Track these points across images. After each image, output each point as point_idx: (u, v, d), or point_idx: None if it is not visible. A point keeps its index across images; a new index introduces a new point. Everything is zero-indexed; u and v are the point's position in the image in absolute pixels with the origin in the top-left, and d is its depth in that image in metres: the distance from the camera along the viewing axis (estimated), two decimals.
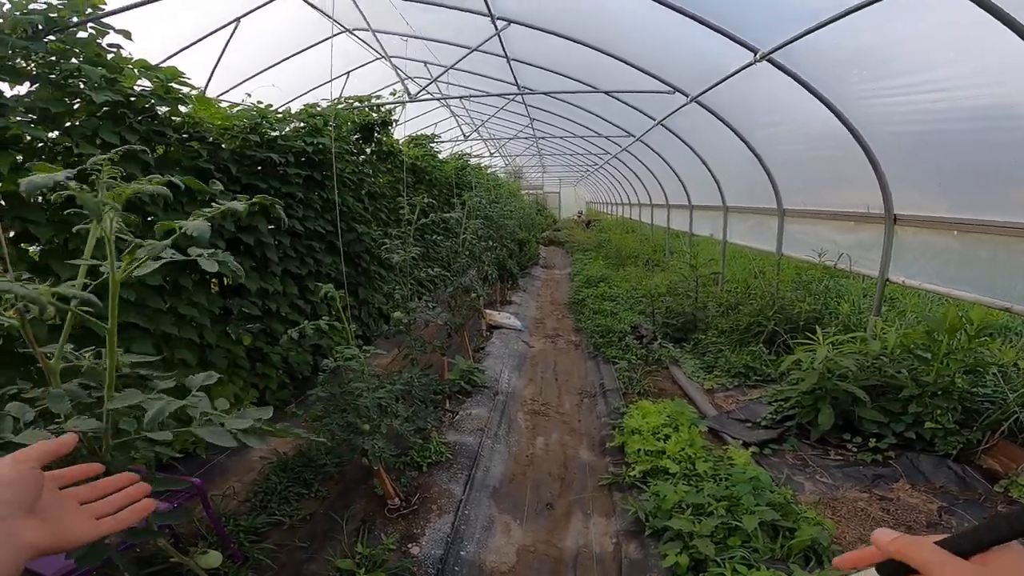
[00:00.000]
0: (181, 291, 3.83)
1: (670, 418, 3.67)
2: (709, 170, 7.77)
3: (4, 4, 2.75)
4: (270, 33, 6.28)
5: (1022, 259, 3.20)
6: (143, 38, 4.97)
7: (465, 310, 5.34)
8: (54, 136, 3.00)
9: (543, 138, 12.70)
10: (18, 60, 2.78)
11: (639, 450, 3.46)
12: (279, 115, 4.85)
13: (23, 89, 2.84)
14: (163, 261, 1.37)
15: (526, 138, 13.13)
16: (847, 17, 3.33)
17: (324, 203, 5.45)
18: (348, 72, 8.04)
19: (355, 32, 6.81)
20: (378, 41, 6.72)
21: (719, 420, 4.24)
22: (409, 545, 2.87)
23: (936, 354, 3.86)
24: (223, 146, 4.10)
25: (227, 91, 6.63)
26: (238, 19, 5.27)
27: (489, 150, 14.92)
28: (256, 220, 4.43)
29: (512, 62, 6.77)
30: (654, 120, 7.52)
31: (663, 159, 9.54)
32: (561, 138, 11.96)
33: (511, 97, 8.63)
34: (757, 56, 4.23)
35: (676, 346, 6.07)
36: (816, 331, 4.33)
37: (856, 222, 4.90)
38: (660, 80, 5.84)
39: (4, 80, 2.72)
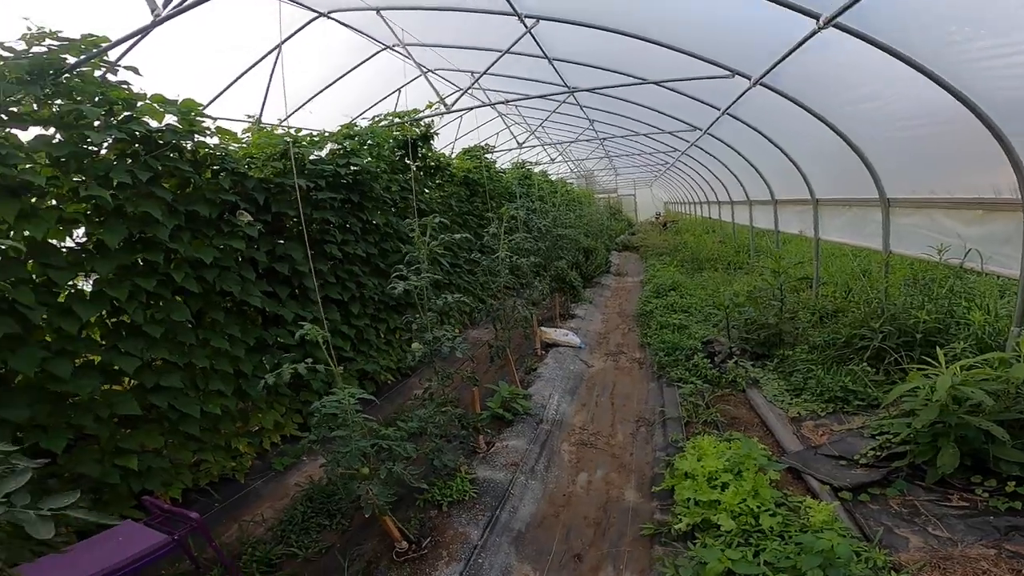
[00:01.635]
0: (215, 324, 3.87)
1: (731, 461, 3.07)
2: (790, 159, 6.88)
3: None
4: (319, 57, 6.42)
5: None
6: (190, 77, 5.21)
7: (510, 332, 5.00)
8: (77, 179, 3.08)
9: (607, 139, 12.14)
10: (21, 104, 2.87)
11: (689, 499, 2.93)
12: (313, 138, 4.83)
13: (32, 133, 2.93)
14: None
15: (589, 140, 12.65)
16: None
17: (364, 225, 5.39)
18: (399, 89, 8.10)
19: (395, 48, 6.80)
20: (411, 56, 6.66)
21: (803, 457, 3.53)
22: None
23: None
24: (250, 175, 4.11)
25: (285, 118, 6.86)
26: (279, 46, 5.37)
27: (551, 156, 14.57)
28: (291, 248, 4.42)
29: (555, 62, 6.45)
30: (718, 109, 6.79)
31: (736, 151, 8.66)
32: (625, 137, 11.36)
33: (562, 99, 8.25)
34: (820, 21, 3.52)
35: (756, 365, 5.30)
36: (937, 349, 3.48)
37: (985, 210, 3.98)
38: (715, 64, 5.19)
39: (15, 126, 2.80)
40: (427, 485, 3.33)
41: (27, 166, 2.79)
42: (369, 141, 5.55)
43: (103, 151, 3.26)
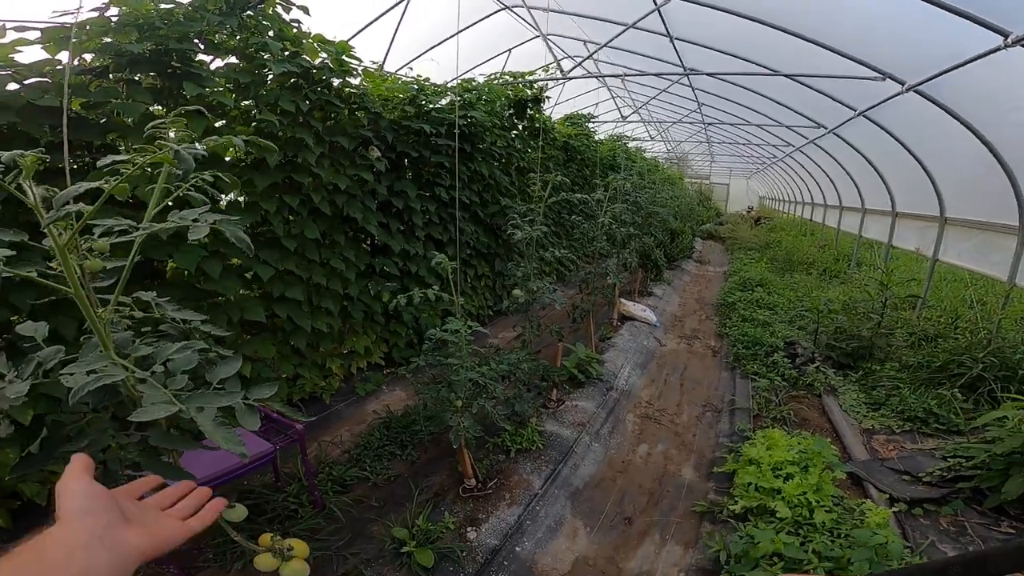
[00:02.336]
0: (335, 245, 4.24)
1: (801, 455, 3.12)
2: (927, 172, 6.39)
3: None
4: (439, 11, 6.62)
5: None
6: (327, 19, 5.57)
7: (595, 296, 5.17)
8: (246, 103, 3.51)
9: (712, 124, 11.64)
10: (217, 35, 3.25)
11: (750, 484, 3.03)
12: (436, 88, 5.11)
13: (223, 61, 3.36)
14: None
15: (692, 123, 12.17)
16: None
17: (472, 174, 5.67)
18: (510, 50, 8.20)
19: (514, 9, 6.86)
20: (533, 18, 6.69)
21: (868, 467, 3.53)
22: (468, 528, 2.87)
23: None
24: (384, 116, 4.45)
25: (401, 67, 7.20)
26: None
27: (650, 134, 14.17)
28: (406, 186, 4.77)
29: (676, 41, 6.26)
30: (854, 110, 6.39)
31: (863, 155, 8.09)
32: (733, 125, 10.84)
33: (676, 79, 8.02)
34: (1008, 40, 3.28)
35: (838, 373, 5.18)
36: None
37: None
38: (864, 64, 4.89)
39: (209, 53, 3.22)
40: (509, 426, 3.52)
41: (217, 88, 3.18)
42: (485, 96, 5.76)
43: (269, 81, 3.64)
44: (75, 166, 2.92)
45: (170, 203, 1.33)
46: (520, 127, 6.79)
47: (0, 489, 2.54)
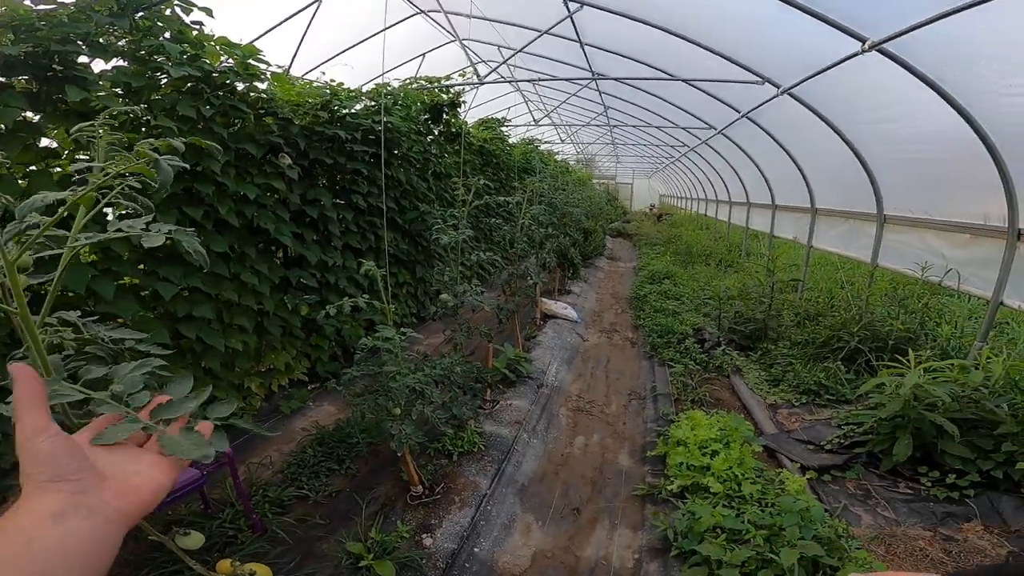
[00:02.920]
0: (245, 258, 3.97)
1: (722, 432, 3.42)
2: (799, 168, 7.18)
3: None
4: (350, 15, 6.43)
5: None
6: (231, 19, 5.21)
7: (519, 297, 5.27)
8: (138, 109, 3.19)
9: (617, 127, 12.29)
10: (104, 37, 2.96)
11: (681, 463, 3.27)
12: (351, 93, 4.95)
13: (110, 64, 3.04)
14: None
15: (599, 126, 12.78)
16: (982, 5, 2.88)
17: (388, 180, 5.54)
18: (424, 54, 8.14)
19: (430, 14, 6.83)
20: (450, 23, 6.70)
21: (778, 439, 3.92)
22: (423, 535, 2.86)
23: None
24: (295, 122, 4.23)
25: (310, 71, 6.87)
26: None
27: (560, 136, 14.67)
28: (320, 194, 4.57)
29: (586, 47, 6.55)
30: (738, 112, 7.04)
31: (746, 154, 8.94)
32: (636, 127, 11.53)
33: (584, 83, 8.38)
34: (865, 45, 3.79)
35: (741, 354, 5.70)
36: (908, 353, 3.88)
37: (972, 235, 4.33)
38: (748, 69, 5.42)
39: (94, 56, 2.90)
40: (450, 430, 3.53)
41: (102, 94, 2.88)
42: (400, 101, 5.67)
43: (165, 85, 3.35)
44: None
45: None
46: (436, 132, 6.75)
47: None
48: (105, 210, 1.25)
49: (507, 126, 10.20)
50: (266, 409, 4.22)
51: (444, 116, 6.46)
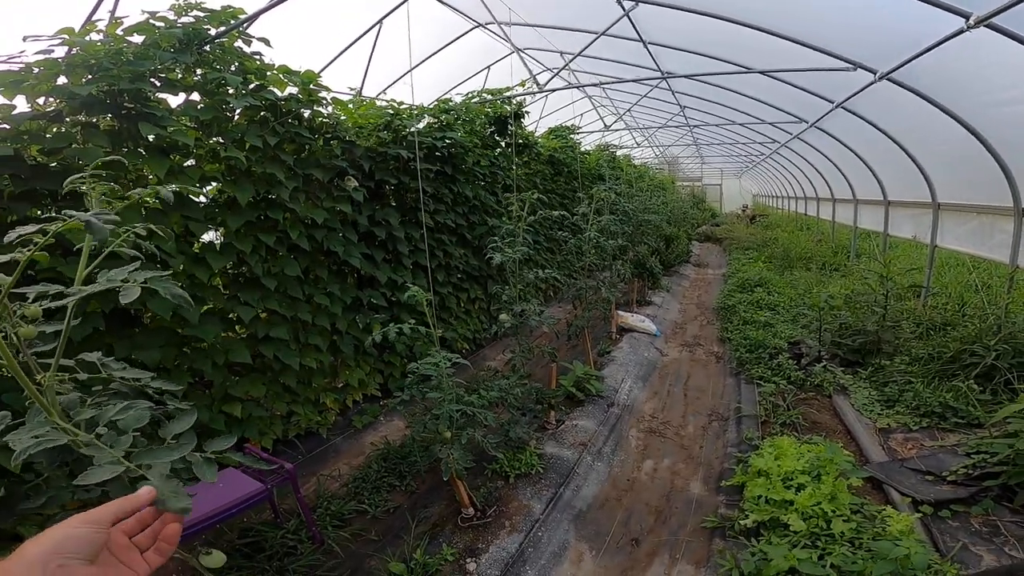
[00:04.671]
0: (319, 281, 4.19)
1: (812, 464, 3.03)
2: (912, 159, 6.39)
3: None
4: (414, 33, 6.64)
5: None
6: (302, 50, 5.58)
7: (590, 312, 5.10)
8: (213, 141, 3.46)
9: (697, 126, 11.71)
10: (173, 72, 3.22)
11: (760, 496, 2.94)
12: (412, 110, 5.08)
13: (181, 99, 3.31)
14: None
15: (677, 127, 12.24)
16: None
17: (455, 197, 5.63)
18: (488, 67, 8.27)
19: (488, 27, 6.93)
20: (506, 34, 6.75)
21: (887, 469, 3.42)
22: (468, 560, 2.79)
23: None
24: (359, 144, 4.42)
25: (379, 93, 7.22)
26: (380, 21, 5.67)
27: (636, 140, 14.26)
28: (387, 214, 4.73)
29: (649, 45, 6.30)
30: (831, 103, 6.42)
31: (847, 146, 8.13)
32: (717, 126, 10.92)
33: (654, 83, 8.06)
34: (970, 21, 3.29)
35: (847, 371, 5.09)
36: None
37: None
38: (835, 56, 4.91)
39: (164, 92, 3.17)
40: (501, 455, 3.48)
41: (174, 128, 3.09)
42: (463, 116, 5.76)
43: (236, 116, 3.62)
44: (40, 213, 2.84)
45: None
46: (503, 144, 6.80)
47: None
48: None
49: (578, 133, 10.08)
50: (340, 423, 4.43)
51: (509, 128, 6.48)
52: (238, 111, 3.58)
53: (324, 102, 4.06)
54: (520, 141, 6.93)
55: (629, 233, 7.33)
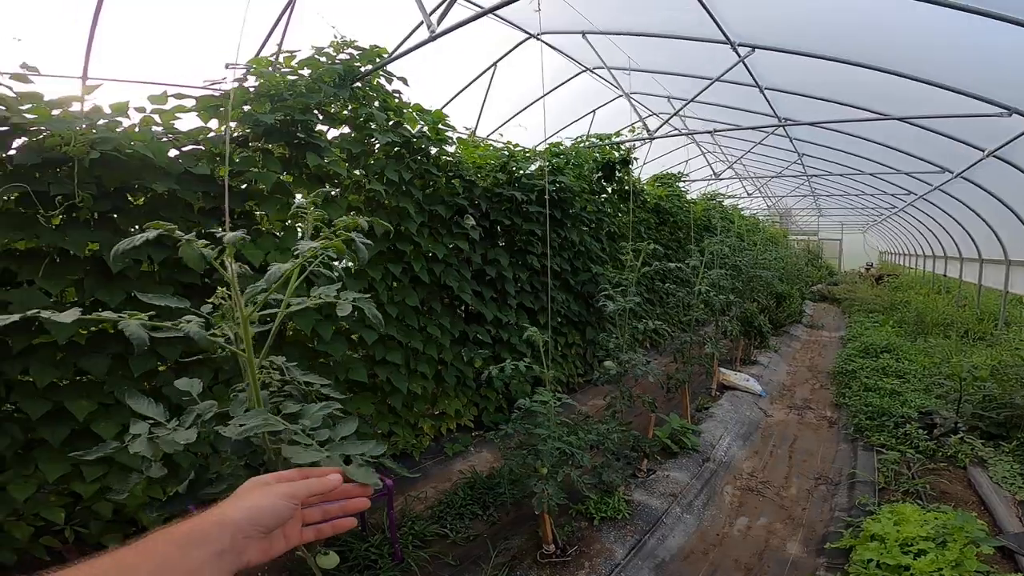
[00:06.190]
0: (432, 313, 4.55)
1: (938, 531, 2.87)
2: None
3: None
4: (524, 77, 7.15)
5: None
6: (420, 89, 6.20)
7: (692, 366, 5.13)
8: (357, 173, 3.91)
9: (816, 176, 11.33)
10: (332, 106, 3.56)
11: (871, 561, 2.83)
12: (526, 153, 5.50)
13: (335, 132, 3.76)
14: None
15: (794, 176, 11.91)
16: None
17: (562, 241, 5.93)
18: (594, 111, 8.69)
19: (595, 71, 7.32)
20: (614, 78, 7.10)
21: (1021, 539, 3.15)
22: None
23: None
24: (478, 183, 4.85)
25: (491, 133, 7.80)
26: (495, 63, 6.28)
27: (747, 189, 14.01)
28: (498, 254, 5.06)
29: (766, 91, 6.32)
30: (981, 151, 6.09)
31: (999, 199, 7.53)
32: (842, 176, 10.50)
33: (770, 130, 8.03)
34: None
35: (988, 444, 4.71)
36: None
37: None
38: (984, 100, 4.76)
39: (326, 124, 3.64)
40: (593, 495, 3.57)
41: (331, 159, 3.43)
42: (572, 160, 6.12)
43: (376, 151, 4.03)
44: (219, 231, 3.49)
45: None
46: (609, 190, 7.02)
47: (121, 515, 2.88)
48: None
49: (685, 181, 10.15)
50: (433, 448, 4.68)
51: (616, 174, 6.73)
52: (378, 146, 3.98)
53: (450, 141, 4.50)
54: (627, 187, 7.17)
55: (739, 289, 7.23)
